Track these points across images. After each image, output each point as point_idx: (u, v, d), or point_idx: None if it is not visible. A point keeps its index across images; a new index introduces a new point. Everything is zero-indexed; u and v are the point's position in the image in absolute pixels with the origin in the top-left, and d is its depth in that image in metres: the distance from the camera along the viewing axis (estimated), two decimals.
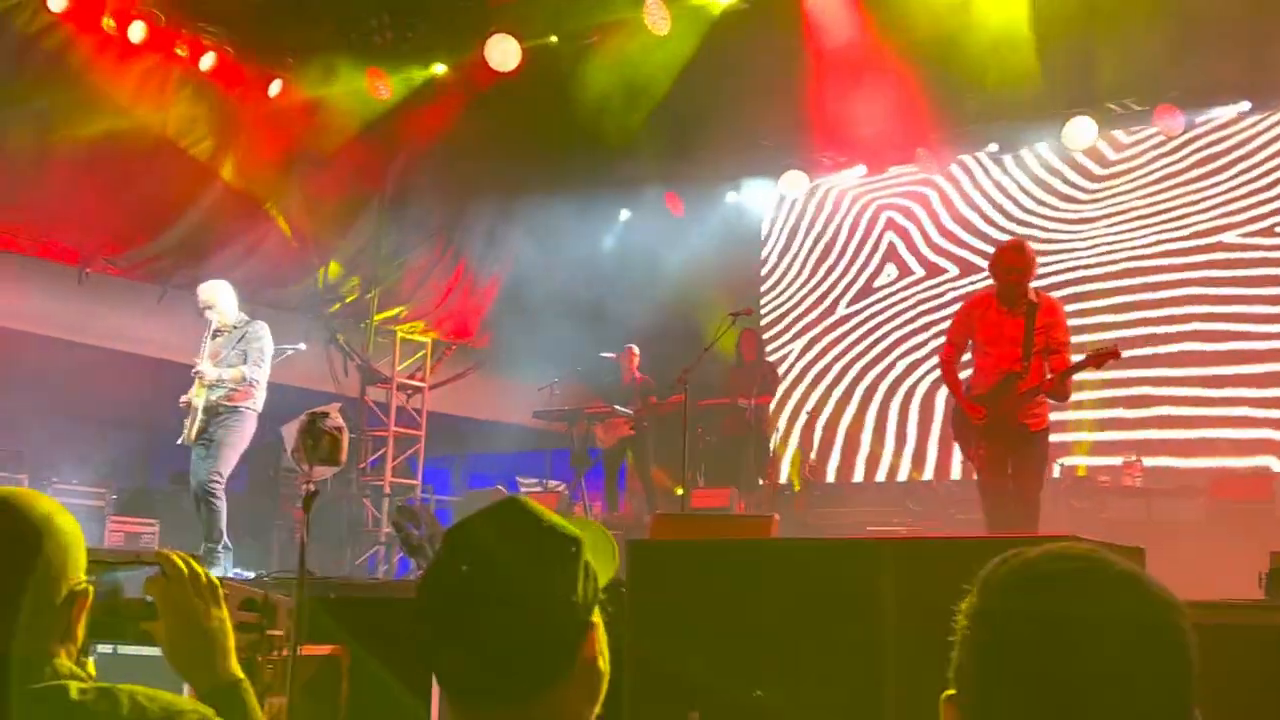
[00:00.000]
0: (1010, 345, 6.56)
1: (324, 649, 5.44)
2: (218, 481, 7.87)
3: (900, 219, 12.47)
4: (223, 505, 7.89)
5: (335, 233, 12.17)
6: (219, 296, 8.10)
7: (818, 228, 13.09)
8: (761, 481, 11.03)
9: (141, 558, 2.14)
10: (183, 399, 8.01)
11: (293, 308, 12.03)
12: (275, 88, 11.02)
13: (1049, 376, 6.46)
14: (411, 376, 13.44)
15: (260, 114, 11.13)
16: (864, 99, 10.48)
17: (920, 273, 12.24)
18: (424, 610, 1.49)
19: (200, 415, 7.88)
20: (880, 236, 12.54)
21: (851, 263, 12.76)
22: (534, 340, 12.52)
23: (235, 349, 8.01)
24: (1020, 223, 11.63)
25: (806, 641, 4.24)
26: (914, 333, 12.02)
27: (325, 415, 4.80)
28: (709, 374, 9.02)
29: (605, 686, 1.54)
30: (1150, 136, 11.05)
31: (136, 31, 10.04)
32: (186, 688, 1.99)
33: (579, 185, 12.11)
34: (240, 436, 7.99)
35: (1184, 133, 10.72)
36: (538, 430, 12.52)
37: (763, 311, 12.97)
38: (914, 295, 12.19)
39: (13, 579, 1.73)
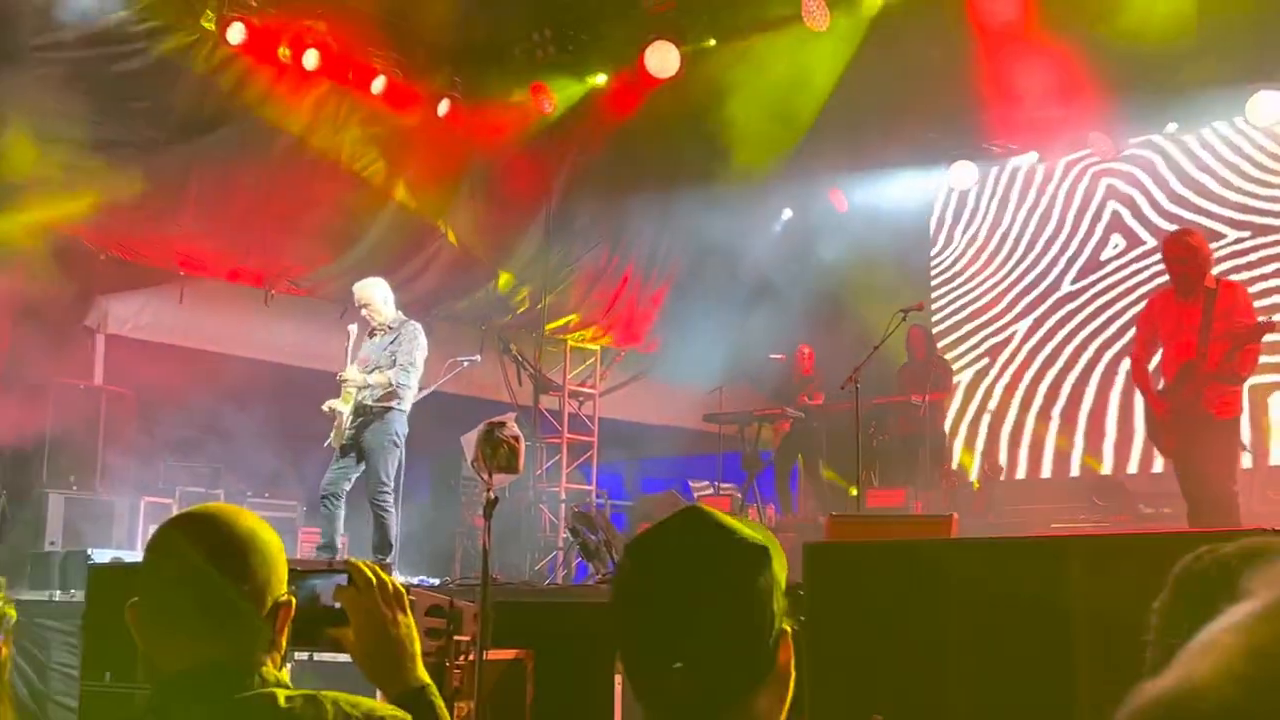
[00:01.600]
0: (1189, 334, 6.46)
1: (509, 653, 5.55)
2: (385, 489, 7.85)
3: (1123, 189, 11.87)
4: (393, 514, 7.88)
5: (505, 245, 12.43)
6: (374, 293, 8.10)
7: (991, 217, 12.75)
8: (938, 480, 10.82)
9: (331, 566, 2.22)
10: (327, 405, 8.03)
11: (467, 320, 12.33)
12: (443, 107, 11.31)
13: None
14: (582, 384, 13.64)
15: (429, 133, 11.44)
16: (1032, 84, 10.20)
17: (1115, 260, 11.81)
18: (623, 622, 1.50)
19: (349, 420, 7.87)
20: (1100, 210, 11.97)
21: (1046, 248, 12.31)
22: (701, 344, 12.55)
23: (386, 350, 7.97)
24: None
25: (991, 644, 4.14)
26: (1108, 322, 11.59)
27: (503, 425, 4.90)
28: (879, 372, 8.89)
29: (792, 692, 1.53)
30: None
31: (311, 59, 10.42)
32: (378, 694, 2.06)
33: (741, 186, 12.09)
34: (393, 439, 7.92)
35: None
36: (708, 433, 12.54)
37: (934, 306, 12.71)
38: (1102, 283, 11.73)
39: (223, 592, 1.81)
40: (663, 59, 10.58)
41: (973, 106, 10.86)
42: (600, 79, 11.58)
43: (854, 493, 8.87)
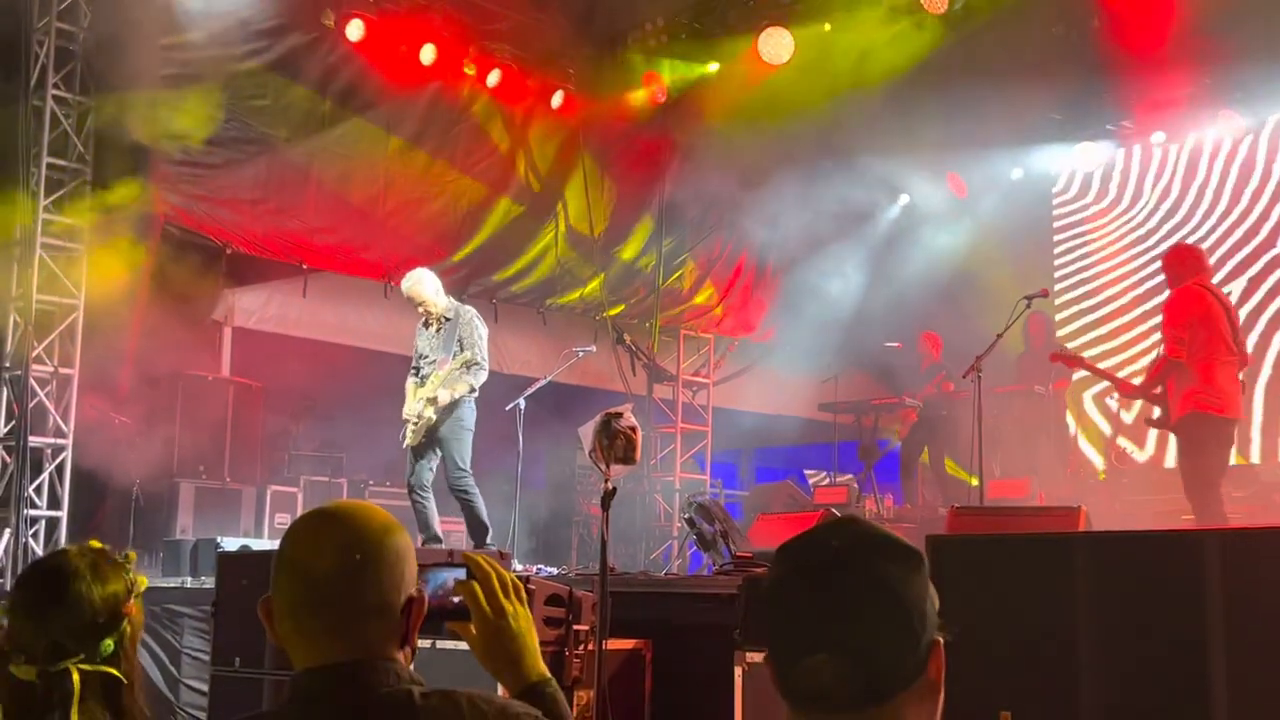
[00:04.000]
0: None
1: (628, 643, 5.56)
2: (464, 474, 7.96)
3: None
4: (477, 495, 8.00)
5: (620, 234, 12.45)
6: (425, 289, 8.07)
7: (1117, 200, 12.36)
8: (1063, 470, 10.56)
9: (451, 559, 2.23)
10: (406, 412, 8.19)
11: (581, 311, 12.40)
12: (557, 98, 11.37)
13: None
14: (696, 373, 13.61)
15: (545, 125, 11.50)
16: (1158, 61, 9.88)
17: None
18: (776, 616, 1.53)
19: (427, 418, 7.98)
20: (1232, 191, 11.52)
21: (1173, 233, 11.89)
22: (816, 332, 12.44)
23: (449, 340, 7.99)
24: None
25: (1123, 640, 4.01)
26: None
27: (619, 415, 4.88)
28: (1002, 360, 8.71)
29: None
30: None
31: (428, 54, 10.54)
32: (499, 687, 2.06)
33: (857, 173, 11.93)
34: (465, 425, 8.03)
35: None
36: (823, 423, 12.42)
37: (1057, 290, 12.35)
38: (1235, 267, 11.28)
39: (359, 591, 1.82)
40: (777, 45, 10.48)
41: (1098, 86, 10.54)
42: (713, 67, 11.52)
43: (975, 483, 8.71)
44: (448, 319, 8.10)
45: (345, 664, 1.80)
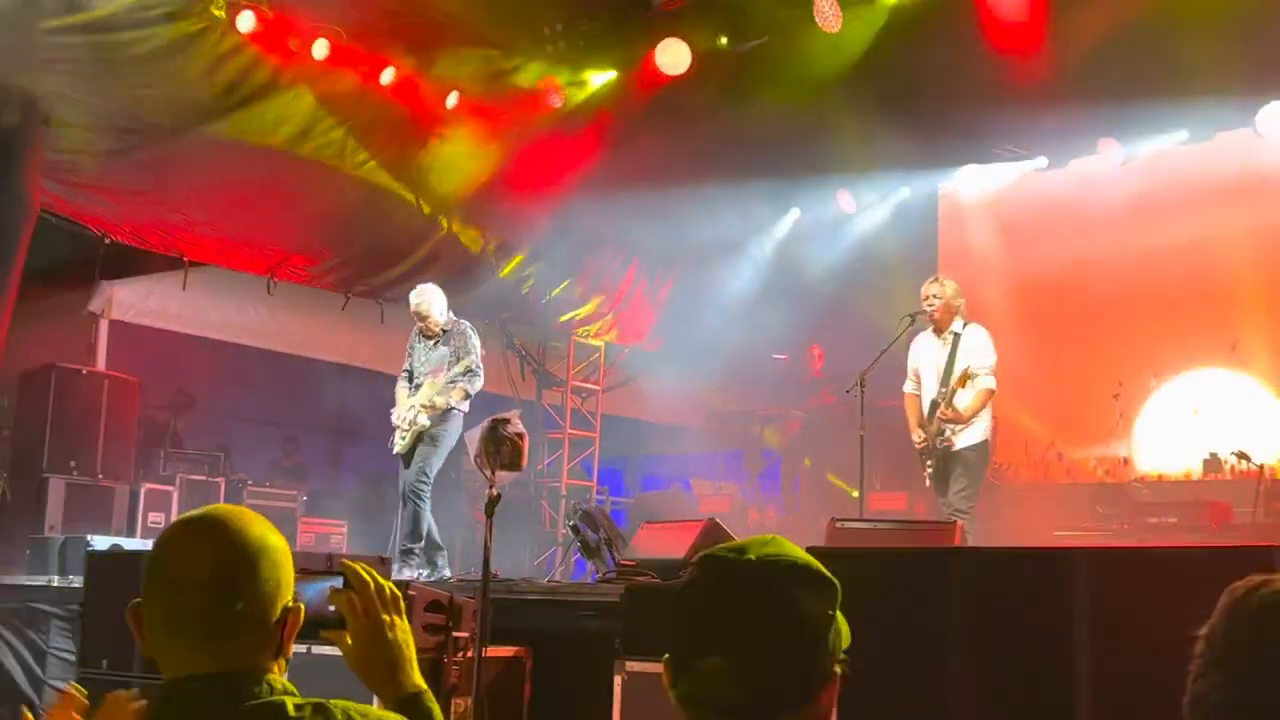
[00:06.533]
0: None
1: (508, 650, 5.53)
2: (424, 481, 8.11)
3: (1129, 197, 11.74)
4: (426, 506, 8.12)
5: (511, 240, 12.39)
6: (434, 305, 8.37)
7: (997, 221, 12.66)
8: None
9: (330, 568, 2.19)
10: (397, 418, 8.25)
11: (470, 314, 12.29)
12: (452, 100, 11.27)
13: None
14: (586, 380, 13.61)
15: (438, 126, 11.40)
16: (1044, 87, 10.17)
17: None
18: (681, 623, 1.56)
19: (421, 425, 8.13)
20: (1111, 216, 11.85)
21: (1032, 254, 12.26)
22: (705, 342, 12.52)
23: (445, 354, 8.27)
24: None
25: (994, 655, 4.11)
26: (1106, 329, 11.52)
27: (507, 421, 4.88)
28: (887, 375, 8.86)
29: None
30: None
31: (320, 50, 10.37)
32: (374, 699, 2.03)
33: (750, 186, 12.04)
34: (447, 439, 8.25)
35: None
36: (710, 432, 12.53)
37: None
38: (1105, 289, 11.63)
39: (232, 601, 1.78)
40: (674, 56, 10.54)
41: (985, 110, 10.80)
42: (610, 75, 11.54)
43: (855, 495, 8.85)
44: (444, 331, 8.36)
45: (217, 674, 1.77)
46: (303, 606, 1.87)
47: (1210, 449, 10.13)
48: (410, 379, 8.45)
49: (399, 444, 8.27)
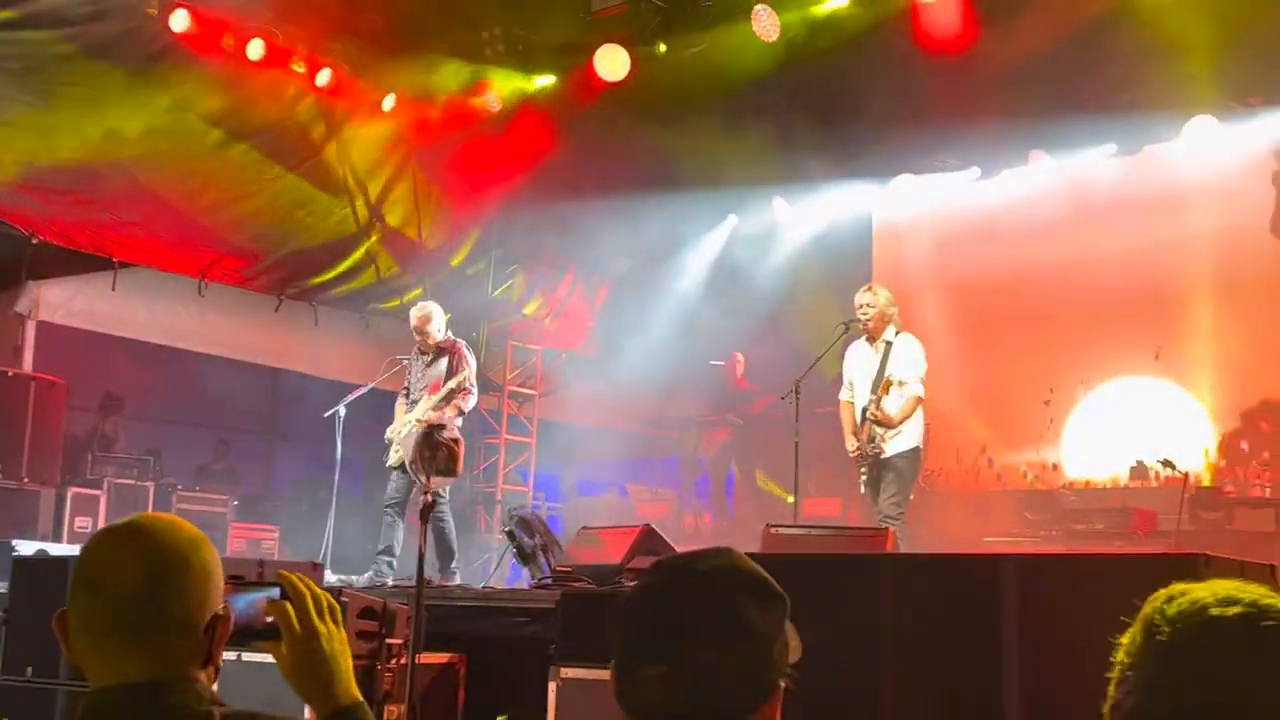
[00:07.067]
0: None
1: (442, 657, 5.50)
2: (440, 499, 8.18)
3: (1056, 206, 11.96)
4: (449, 522, 8.53)
5: (448, 241, 12.33)
6: (433, 322, 8.52)
7: (930, 231, 12.82)
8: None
9: (262, 578, 2.16)
10: (390, 432, 8.40)
11: (405, 317, 12.20)
12: (389, 102, 11.21)
13: None
14: (523, 385, 13.57)
15: (373, 128, 11.33)
16: (976, 100, 10.32)
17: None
18: (629, 626, 1.56)
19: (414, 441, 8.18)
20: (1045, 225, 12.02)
21: (964, 264, 12.42)
22: (642, 348, 12.54)
23: (441, 371, 8.42)
24: None
25: (925, 660, 4.16)
26: (1047, 334, 11.68)
27: (443, 427, 4.86)
28: (821, 382, 8.93)
29: None
30: None
31: (255, 50, 10.28)
32: (306, 710, 2.01)
33: (687, 193, 12.09)
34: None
35: None
36: (647, 437, 12.54)
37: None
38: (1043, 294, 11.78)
39: (160, 610, 1.77)
40: (613, 62, 10.57)
41: (917, 121, 10.93)
42: (548, 79, 11.54)
43: (790, 500, 8.91)
44: (441, 348, 8.51)
45: (143, 683, 1.75)
46: (232, 614, 1.86)
47: (1137, 456, 10.32)
48: (408, 395, 8.61)
49: (391, 457, 8.41)
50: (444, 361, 8.44)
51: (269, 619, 1.96)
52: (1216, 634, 1.26)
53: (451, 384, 8.29)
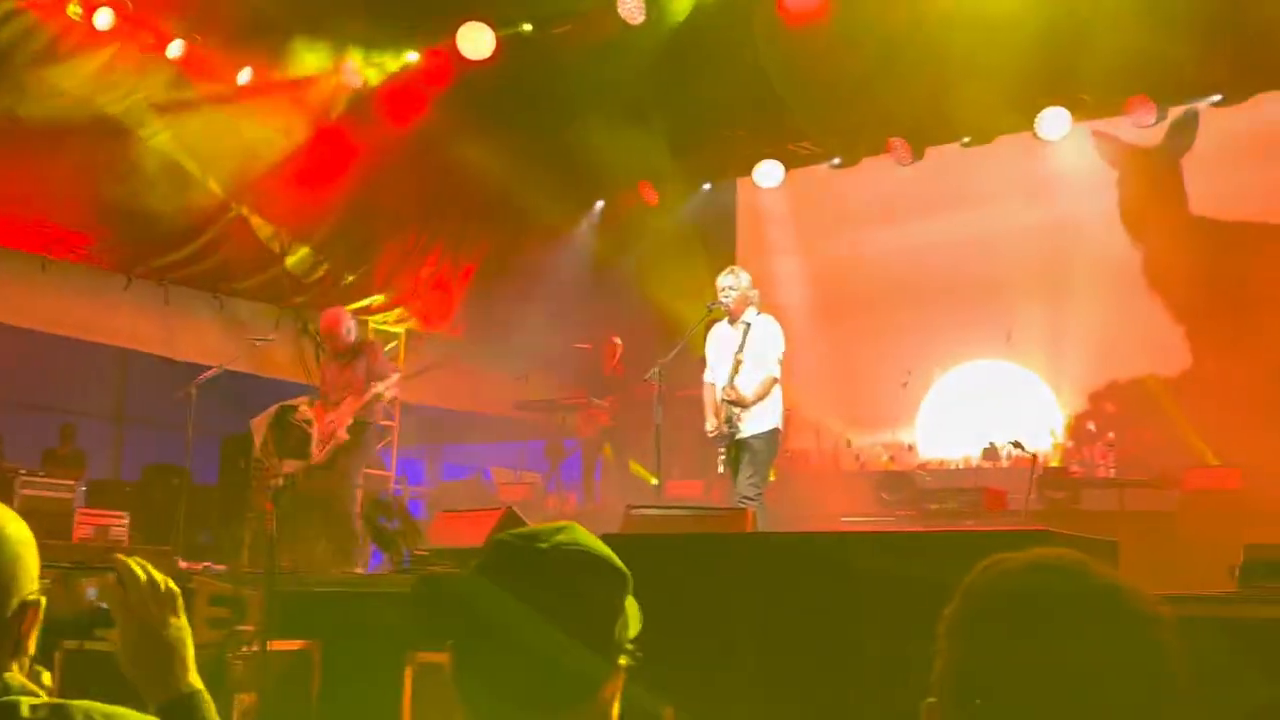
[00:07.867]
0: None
1: (295, 644, 5.39)
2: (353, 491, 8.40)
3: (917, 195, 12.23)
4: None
5: (305, 221, 12.03)
6: (342, 328, 8.66)
7: (793, 217, 13.00)
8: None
9: (104, 562, 2.07)
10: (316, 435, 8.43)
11: (264, 298, 11.91)
12: (245, 76, 10.89)
13: None
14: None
15: (229, 103, 10.99)
16: (835, 88, 10.49)
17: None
18: (471, 616, 1.53)
19: (337, 441, 8.18)
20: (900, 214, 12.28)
21: (825, 249, 12.65)
22: (508, 330, 12.46)
23: (360, 369, 8.52)
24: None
25: (784, 638, 4.21)
26: (856, 319, 11.93)
27: (294, 408, 4.76)
28: (685, 364, 8.98)
29: None
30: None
31: (103, 19, 9.89)
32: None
33: (554, 175, 12.03)
34: (365, 450, 8.72)
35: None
36: (513, 421, 12.46)
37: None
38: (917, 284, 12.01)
39: None
40: (477, 40, 10.44)
41: (779, 108, 11.05)
42: (412, 56, 11.35)
43: (655, 482, 8.94)
44: (357, 349, 8.70)
45: None
46: (44, 600, 1.77)
47: (989, 438, 10.62)
48: (325, 399, 8.59)
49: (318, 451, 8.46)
50: (362, 362, 8.58)
51: (104, 605, 1.89)
52: (1024, 599, 1.28)
53: (380, 387, 8.51)
